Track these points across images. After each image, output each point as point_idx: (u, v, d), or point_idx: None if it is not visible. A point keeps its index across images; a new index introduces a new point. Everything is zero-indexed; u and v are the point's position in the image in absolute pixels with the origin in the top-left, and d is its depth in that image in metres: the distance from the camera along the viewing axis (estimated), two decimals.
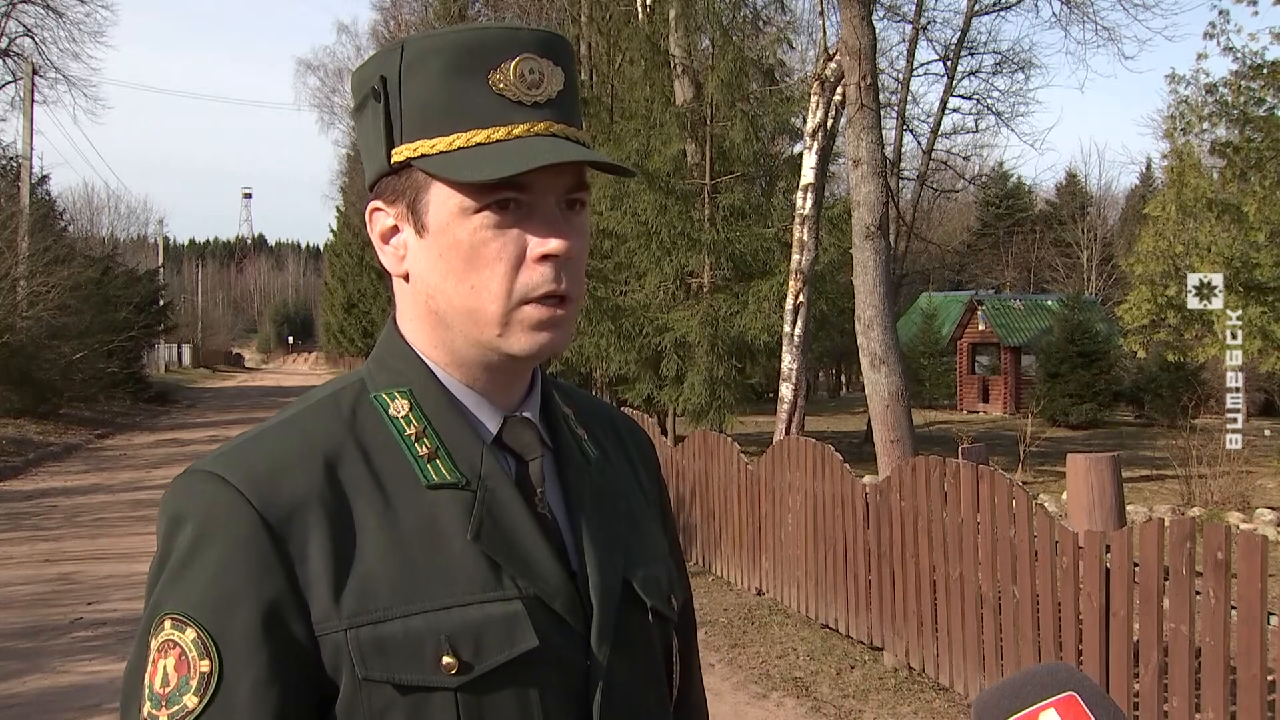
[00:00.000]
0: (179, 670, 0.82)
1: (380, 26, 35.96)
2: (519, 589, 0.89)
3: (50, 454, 16.50)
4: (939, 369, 28.37)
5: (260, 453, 0.89)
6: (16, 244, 19.53)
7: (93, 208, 47.63)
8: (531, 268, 0.90)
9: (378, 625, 0.85)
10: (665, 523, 1.11)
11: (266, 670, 0.83)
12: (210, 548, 0.84)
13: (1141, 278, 12.95)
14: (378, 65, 0.93)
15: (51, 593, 7.30)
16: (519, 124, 0.89)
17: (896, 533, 5.49)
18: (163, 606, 0.85)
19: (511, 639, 0.87)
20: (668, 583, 1.02)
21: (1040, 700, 0.79)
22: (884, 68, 21.34)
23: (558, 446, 0.99)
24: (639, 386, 14.15)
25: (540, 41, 0.91)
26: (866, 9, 8.94)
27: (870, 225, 8.71)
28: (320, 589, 0.85)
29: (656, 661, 1.00)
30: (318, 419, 0.92)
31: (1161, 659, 3.84)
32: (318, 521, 0.86)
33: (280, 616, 0.84)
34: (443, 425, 0.93)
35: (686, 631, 1.11)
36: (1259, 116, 11.51)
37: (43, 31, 25.98)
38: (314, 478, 0.88)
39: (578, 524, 0.96)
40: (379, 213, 0.95)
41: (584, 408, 1.08)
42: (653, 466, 1.13)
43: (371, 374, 0.96)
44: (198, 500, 0.86)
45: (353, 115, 0.97)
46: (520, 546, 0.90)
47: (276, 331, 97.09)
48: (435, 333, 0.94)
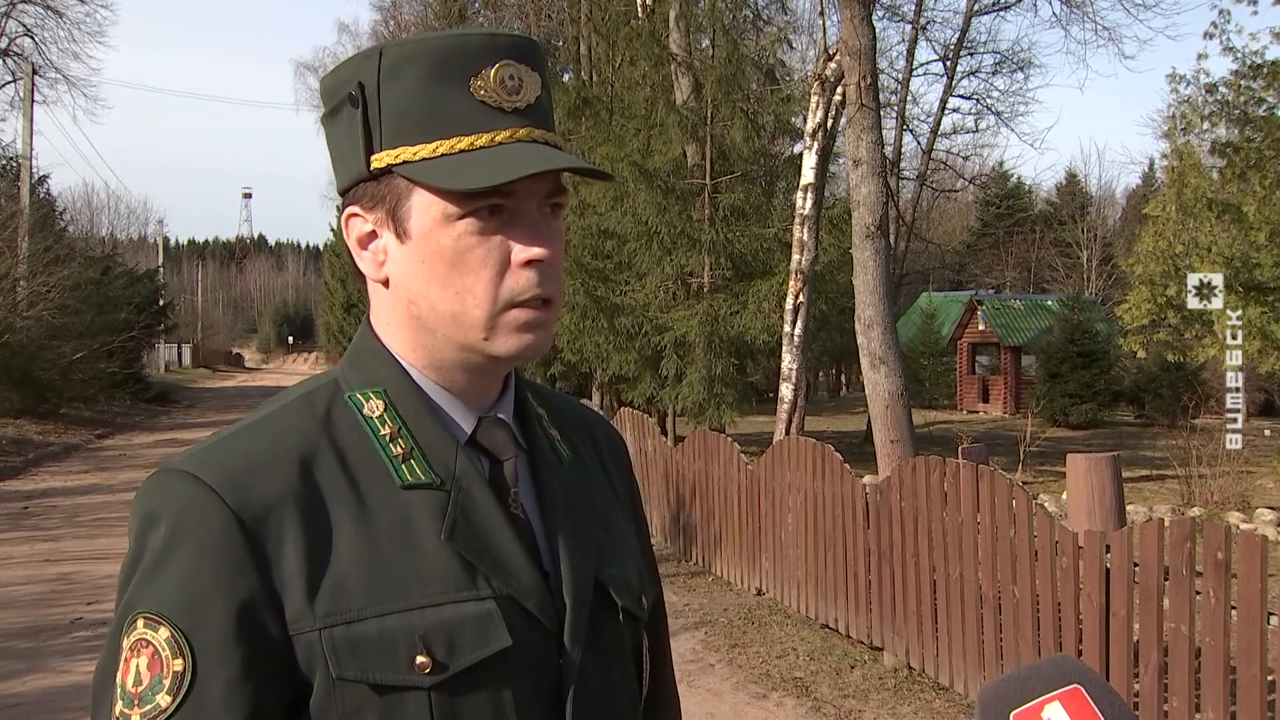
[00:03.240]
0: (152, 669, 0.82)
1: (380, 26, 35.93)
2: (492, 588, 0.90)
3: (50, 454, 16.50)
4: (939, 369, 28.38)
5: (235, 452, 0.89)
6: (16, 244, 19.53)
7: (93, 208, 47.72)
8: (517, 273, 0.91)
9: (351, 625, 0.85)
10: (637, 522, 1.12)
11: (240, 669, 0.83)
12: (184, 547, 0.84)
13: (1141, 278, 12.95)
14: (353, 71, 0.93)
15: (51, 593, 7.30)
16: (501, 130, 0.90)
17: (896, 533, 5.49)
18: (135, 605, 0.84)
19: (485, 638, 0.88)
20: (639, 583, 1.04)
21: (1045, 693, 0.79)
22: (884, 68, 21.37)
23: (531, 447, 1.00)
24: (639, 386, 14.15)
25: (518, 47, 0.92)
26: (866, 9, 8.94)
27: (870, 225, 8.71)
28: (294, 589, 0.85)
29: (627, 661, 1.01)
30: (292, 418, 0.92)
31: (1161, 659, 3.84)
32: (292, 521, 0.86)
33: (254, 616, 0.84)
34: (417, 426, 0.93)
35: (657, 628, 1.12)
36: (1259, 116, 11.51)
37: (43, 31, 26.05)
38: (289, 477, 0.88)
39: (551, 524, 0.96)
40: (356, 218, 0.95)
41: (557, 408, 1.09)
42: (625, 466, 1.14)
43: (345, 374, 0.96)
44: (171, 499, 0.86)
45: (323, 120, 0.97)
46: (493, 546, 0.91)
47: (276, 331, 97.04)
48: (414, 336, 0.95)
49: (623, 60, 15.91)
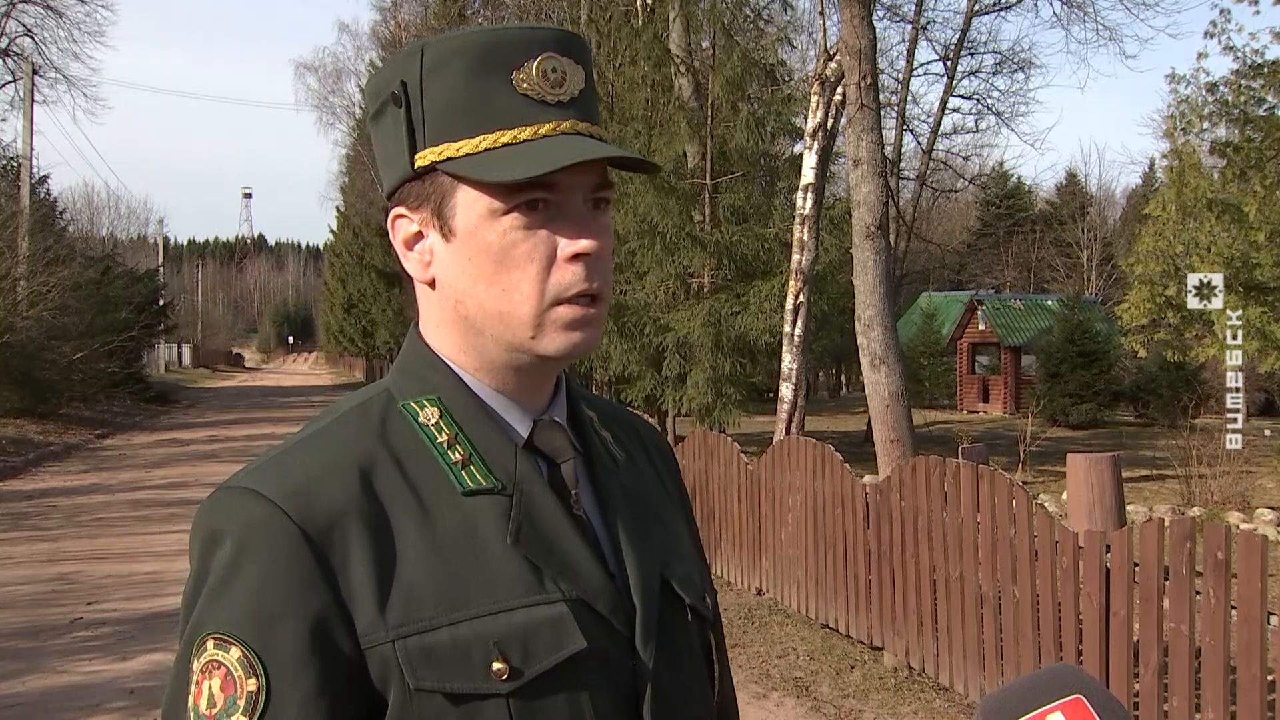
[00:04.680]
0: (225, 690, 0.80)
1: (380, 27, 36.00)
2: (562, 591, 0.88)
3: (50, 454, 16.50)
4: (939, 369, 28.39)
5: (293, 466, 0.87)
6: (17, 244, 19.55)
7: (93, 208, 47.70)
8: (563, 268, 0.89)
9: (425, 635, 0.84)
10: (691, 526, 1.11)
11: (315, 686, 0.81)
12: (251, 564, 0.83)
13: (1141, 278, 12.95)
14: (396, 70, 0.91)
15: (51, 593, 7.29)
16: (545, 123, 0.89)
17: (896, 533, 5.49)
18: (204, 626, 0.82)
19: (559, 641, 0.86)
20: (700, 581, 1.02)
21: (1046, 704, 0.78)
22: (884, 68, 21.36)
23: (586, 449, 0.99)
24: (639, 385, 14.16)
25: (560, 40, 0.91)
26: (867, 9, 8.94)
27: (870, 225, 8.71)
28: (364, 601, 0.83)
29: (698, 660, 1.00)
30: (347, 430, 0.91)
31: (1161, 659, 3.84)
32: (357, 533, 0.85)
33: (326, 631, 0.82)
34: (474, 431, 0.92)
35: (717, 629, 1.11)
36: (1259, 116, 11.51)
37: (43, 31, 26.02)
38: (350, 489, 0.86)
39: (612, 525, 0.95)
40: (402, 219, 0.93)
41: (604, 412, 1.08)
42: (674, 471, 1.13)
43: (398, 383, 0.95)
44: (234, 516, 0.84)
45: (369, 123, 0.96)
46: (560, 549, 0.90)
47: (276, 331, 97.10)
48: (464, 338, 0.93)
49: (623, 60, 15.91)
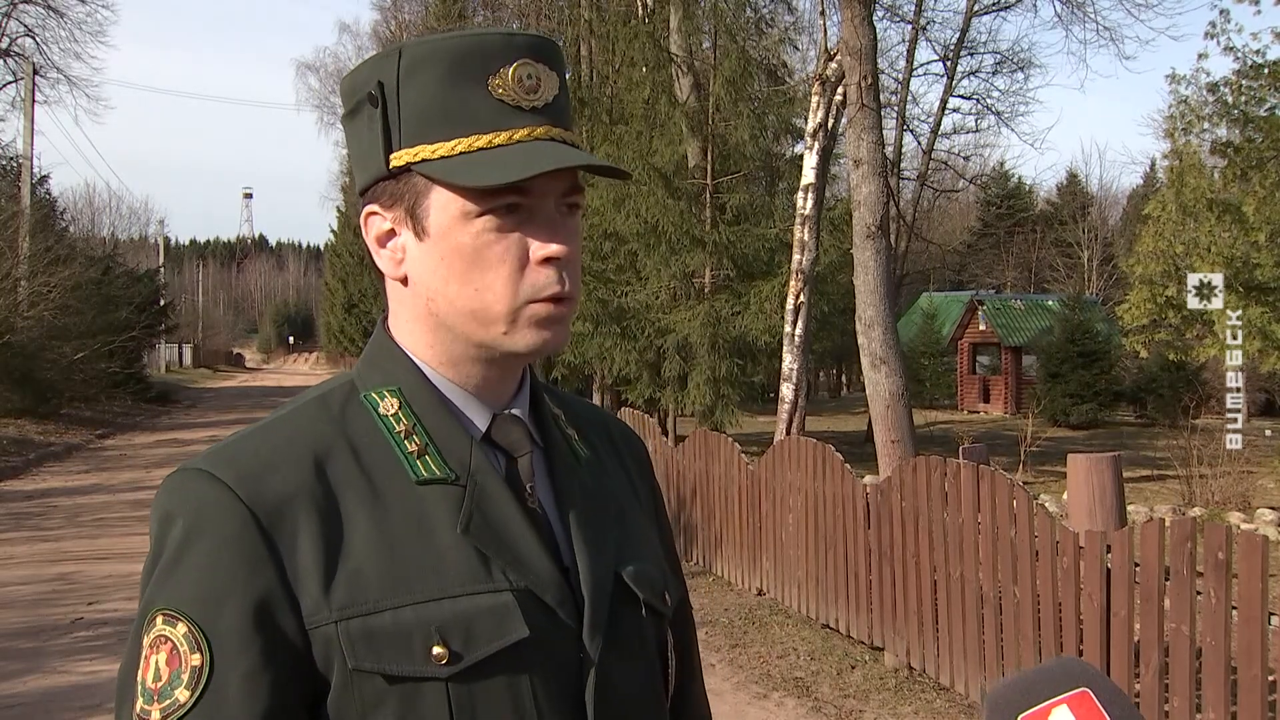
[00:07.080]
0: (170, 665, 0.83)
1: (381, 27, 35.97)
2: (509, 581, 0.90)
3: (51, 454, 16.50)
4: (939, 369, 28.38)
5: (249, 450, 0.90)
6: (17, 244, 19.55)
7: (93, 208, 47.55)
8: (536, 270, 0.92)
9: (368, 617, 0.86)
10: (660, 525, 1.12)
11: (257, 663, 0.83)
12: (200, 543, 0.85)
13: (1142, 278, 12.95)
14: (373, 70, 0.93)
15: (52, 593, 7.30)
16: (519, 129, 0.91)
17: (897, 533, 5.49)
18: (155, 603, 0.86)
19: (502, 629, 0.88)
20: (660, 579, 1.03)
21: (1053, 696, 0.78)
22: (884, 68, 21.35)
23: (547, 444, 1.00)
24: (638, 386, 14.15)
25: (535, 46, 0.93)
26: (867, 9, 8.94)
27: (871, 225, 8.71)
28: (310, 583, 0.86)
29: (651, 656, 1.00)
30: (307, 418, 0.94)
31: (1162, 659, 3.84)
32: (307, 517, 0.87)
33: (270, 610, 0.84)
34: (432, 422, 0.94)
35: (683, 628, 1.11)
36: (1260, 116, 11.51)
37: (44, 31, 25.99)
38: (303, 474, 0.89)
39: (568, 519, 0.97)
40: (375, 216, 0.96)
41: (575, 410, 1.09)
42: (647, 471, 1.14)
43: (361, 374, 0.98)
44: (188, 497, 0.87)
45: (343, 120, 0.98)
46: (510, 539, 0.91)
47: (277, 331, 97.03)
48: (432, 333, 0.96)
49: (623, 61, 15.91)
